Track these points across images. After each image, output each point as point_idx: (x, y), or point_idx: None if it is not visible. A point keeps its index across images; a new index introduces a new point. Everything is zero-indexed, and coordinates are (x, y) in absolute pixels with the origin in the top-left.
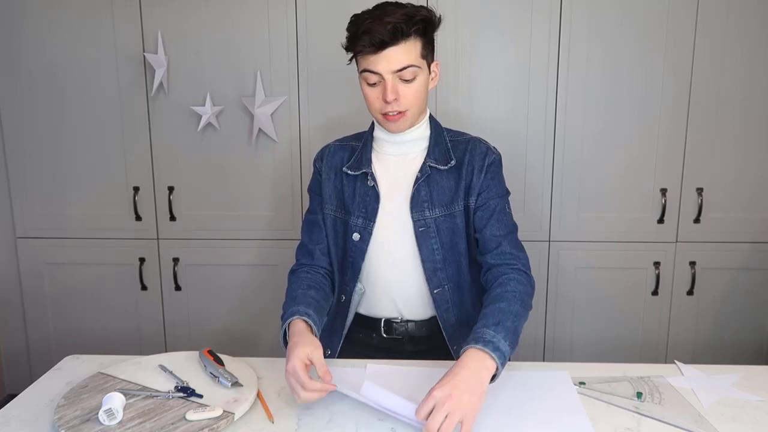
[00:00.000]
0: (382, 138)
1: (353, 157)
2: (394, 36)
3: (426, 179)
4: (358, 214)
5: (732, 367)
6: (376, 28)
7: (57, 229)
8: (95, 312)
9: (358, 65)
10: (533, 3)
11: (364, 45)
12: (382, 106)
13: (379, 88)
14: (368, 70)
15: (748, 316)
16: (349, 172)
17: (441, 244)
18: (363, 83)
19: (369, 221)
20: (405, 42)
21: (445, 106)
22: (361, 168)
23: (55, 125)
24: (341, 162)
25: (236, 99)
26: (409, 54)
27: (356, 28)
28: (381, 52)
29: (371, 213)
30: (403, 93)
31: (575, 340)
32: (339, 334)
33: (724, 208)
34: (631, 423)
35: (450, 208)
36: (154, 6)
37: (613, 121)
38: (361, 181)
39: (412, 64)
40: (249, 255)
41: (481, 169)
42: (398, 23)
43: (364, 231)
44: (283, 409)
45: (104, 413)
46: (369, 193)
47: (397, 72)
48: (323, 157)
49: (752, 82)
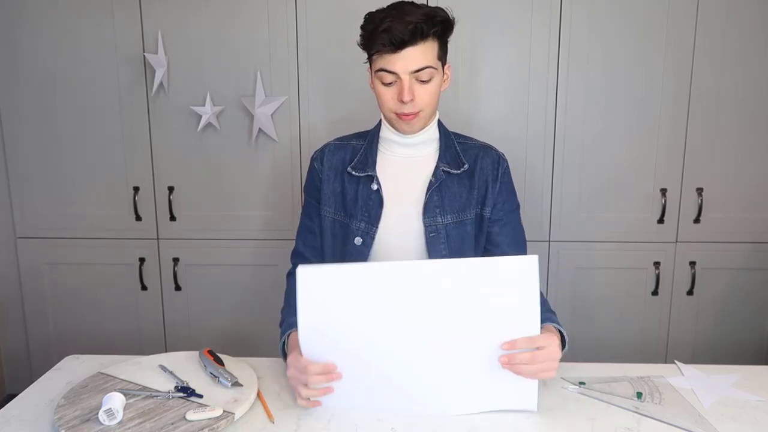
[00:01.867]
0: (391, 139)
1: (356, 157)
2: (414, 36)
3: (438, 185)
4: (360, 218)
5: (732, 367)
6: (397, 27)
7: (57, 229)
8: (95, 312)
9: (373, 64)
10: (533, 3)
11: (383, 44)
12: (396, 106)
13: (395, 87)
14: (385, 70)
15: (748, 316)
16: (353, 173)
17: (449, 250)
18: (377, 82)
19: (372, 226)
20: (424, 43)
21: (445, 106)
22: (365, 170)
23: (55, 125)
24: (343, 162)
25: (236, 99)
26: (427, 55)
27: (374, 26)
28: (399, 52)
29: (374, 217)
30: (419, 94)
31: (575, 340)
32: None
33: (724, 208)
34: (631, 423)
35: (461, 216)
36: (154, 6)
37: (613, 121)
38: (364, 184)
39: (429, 65)
40: (249, 255)
41: (495, 179)
42: (419, 23)
43: (366, 236)
44: (283, 409)
45: (104, 413)
46: (372, 196)
47: (414, 72)
48: (323, 156)
49: (752, 82)
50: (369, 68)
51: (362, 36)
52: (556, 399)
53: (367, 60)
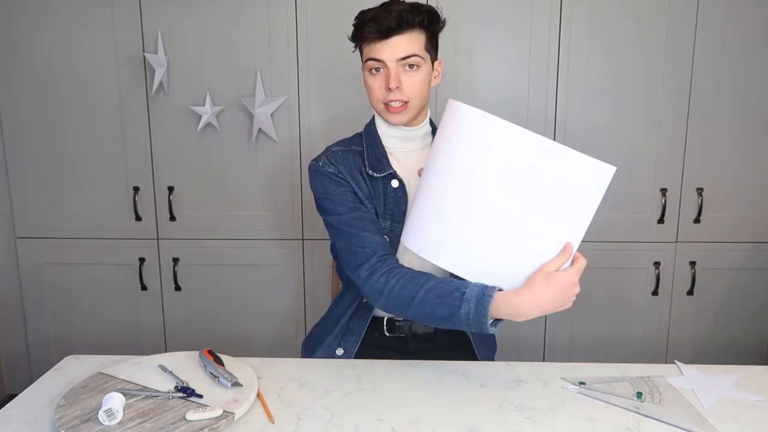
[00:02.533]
0: (393, 135)
1: (368, 158)
2: (400, 24)
3: None
4: (385, 217)
5: (732, 367)
6: (383, 15)
7: (57, 229)
8: (95, 312)
9: (363, 55)
10: (533, 3)
11: (369, 31)
12: (384, 95)
13: (382, 76)
14: (372, 59)
15: (748, 316)
16: (374, 174)
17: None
18: (365, 73)
19: (397, 223)
20: (410, 32)
21: (445, 105)
22: (384, 169)
23: (55, 125)
24: (357, 165)
25: (236, 99)
26: (413, 44)
27: (362, 17)
28: (386, 40)
29: (398, 215)
30: (406, 82)
31: (575, 340)
32: (356, 335)
33: (724, 208)
34: (631, 423)
35: None
36: (154, 6)
37: (613, 121)
38: (383, 183)
39: (415, 53)
40: (249, 255)
41: None
42: (404, 11)
43: (391, 233)
44: (283, 409)
45: (104, 413)
46: (394, 194)
47: (401, 60)
48: (335, 161)
49: (752, 82)
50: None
51: (353, 26)
52: (556, 399)
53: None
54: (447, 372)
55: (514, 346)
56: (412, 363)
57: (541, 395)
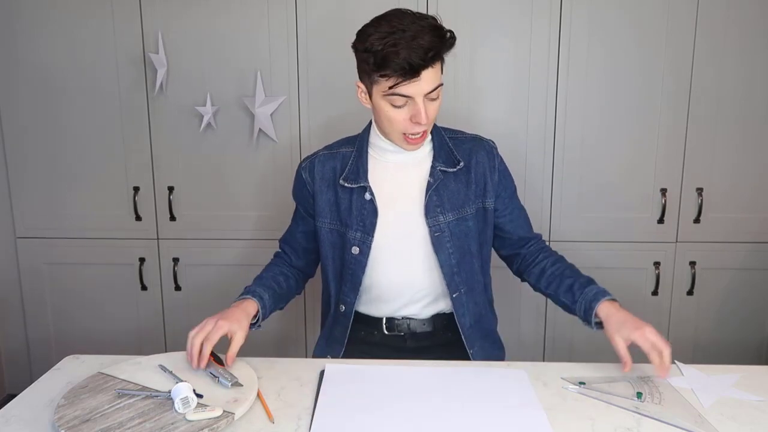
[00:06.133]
0: (382, 146)
1: (347, 166)
2: (431, 60)
3: (436, 185)
4: (356, 228)
5: (732, 367)
6: (415, 54)
7: (57, 229)
8: (95, 312)
9: (377, 84)
10: (533, 3)
11: (403, 70)
12: (408, 128)
13: (407, 109)
14: (399, 94)
15: (748, 316)
16: (345, 184)
17: (455, 248)
18: (383, 103)
19: (368, 235)
20: (437, 63)
21: (446, 105)
22: (358, 181)
23: (55, 125)
24: (333, 172)
25: (236, 99)
26: (437, 74)
27: (385, 50)
28: (417, 78)
29: (369, 227)
30: (430, 112)
31: (575, 340)
32: (340, 341)
33: (724, 208)
34: (631, 423)
35: (462, 212)
36: (154, 6)
37: (613, 121)
38: (358, 194)
39: (440, 84)
40: (249, 255)
41: (493, 169)
42: (435, 48)
43: (363, 245)
44: (283, 409)
45: (180, 401)
46: (366, 206)
47: (427, 94)
48: (312, 168)
49: (752, 82)
50: (363, 85)
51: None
52: (556, 399)
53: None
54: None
55: (514, 346)
56: (411, 363)
57: (541, 395)
